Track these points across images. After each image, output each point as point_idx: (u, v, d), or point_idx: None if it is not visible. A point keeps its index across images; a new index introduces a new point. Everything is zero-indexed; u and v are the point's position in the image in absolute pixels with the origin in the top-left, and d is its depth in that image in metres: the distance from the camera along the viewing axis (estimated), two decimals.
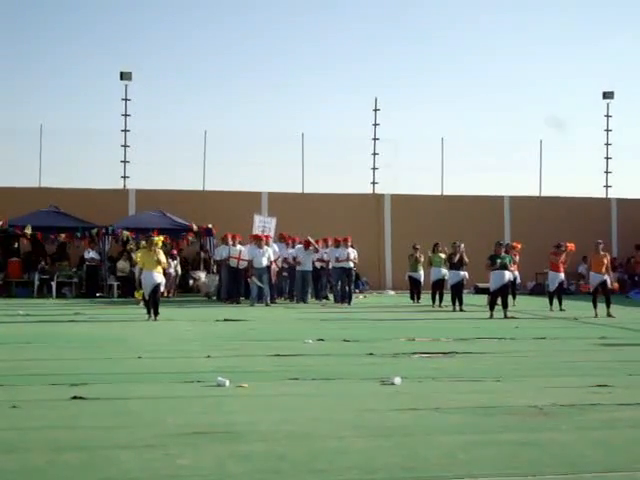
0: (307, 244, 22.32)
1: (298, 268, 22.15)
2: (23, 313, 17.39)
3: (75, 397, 7.24)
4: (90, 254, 24.10)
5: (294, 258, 22.35)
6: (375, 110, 32.49)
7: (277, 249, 22.59)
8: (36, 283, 24.22)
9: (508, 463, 5.21)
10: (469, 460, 5.26)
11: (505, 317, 17.09)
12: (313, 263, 22.54)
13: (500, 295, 17.66)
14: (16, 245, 25.53)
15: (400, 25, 49.73)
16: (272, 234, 23.89)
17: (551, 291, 19.90)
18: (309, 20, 50.62)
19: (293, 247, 22.89)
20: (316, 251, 22.48)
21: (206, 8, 49.33)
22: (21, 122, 41.50)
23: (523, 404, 7.09)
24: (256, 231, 23.34)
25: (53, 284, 23.97)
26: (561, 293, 19.97)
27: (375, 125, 32.44)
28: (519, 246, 21.45)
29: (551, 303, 19.64)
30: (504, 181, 35.44)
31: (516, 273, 20.26)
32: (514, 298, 20.19)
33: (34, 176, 28.71)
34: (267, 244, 21.77)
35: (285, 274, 22.97)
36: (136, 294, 18.32)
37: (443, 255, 20.93)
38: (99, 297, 23.64)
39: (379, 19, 49.55)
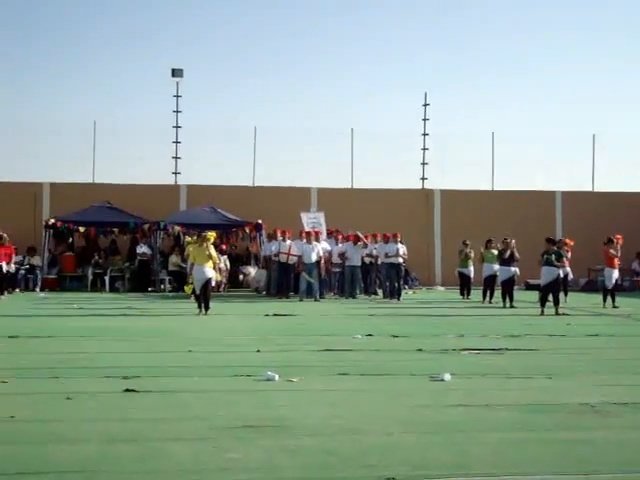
0: (356, 239, 22.28)
1: (347, 263, 22.11)
2: (77, 307, 17.72)
3: (127, 390, 7.35)
4: (142, 249, 24.40)
5: (342, 254, 22.30)
6: (425, 105, 32.32)
7: (327, 246, 22.59)
8: (90, 277, 24.61)
9: (558, 461, 5.16)
10: (519, 457, 5.23)
11: (556, 314, 16.87)
12: (362, 258, 22.51)
13: (551, 292, 17.44)
14: (70, 240, 25.98)
15: (450, 20, 49.47)
16: (323, 230, 23.88)
17: (609, 288, 19.38)
18: (360, 16, 50.62)
19: (342, 243, 22.85)
20: (365, 246, 22.44)
21: (257, 6, 49.64)
22: (76, 119, 42.23)
23: (574, 402, 7.00)
24: (307, 228, 23.36)
25: (106, 278, 24.36)
26: (614, 290, 19.59)
27: (425, 120, 32.26)
28: (572, 242, 21.15)
29: (604, 300, 19.27)
30: (556, 176, 34.93)
31: (568, 269, 19.96)
32: (565, 295, 19.92)
33: (88, 172, 29.18)
34: (317, 240, 21.78)
35: (338, 270, 22.86)
36: (186, 288, 18.49)
37: (495, 251, 20.68)
38: (151, 291, 23.94)
39: (429, 14, 49.34)
